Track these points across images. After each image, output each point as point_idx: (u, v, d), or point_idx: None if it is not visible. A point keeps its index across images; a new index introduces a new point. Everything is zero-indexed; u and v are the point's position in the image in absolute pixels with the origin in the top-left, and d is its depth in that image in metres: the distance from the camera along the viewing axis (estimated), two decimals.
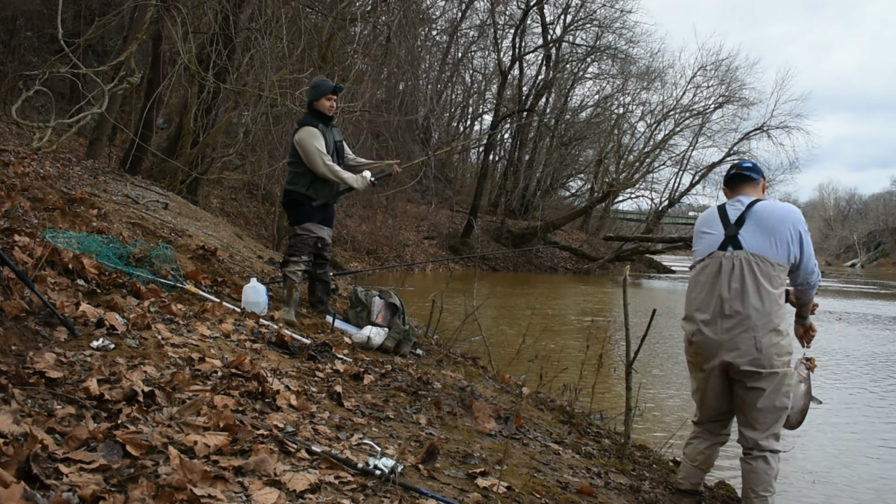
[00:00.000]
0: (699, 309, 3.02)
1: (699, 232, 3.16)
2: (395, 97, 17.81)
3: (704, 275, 3.03)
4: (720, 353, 2.94)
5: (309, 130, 4.90)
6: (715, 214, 3.12)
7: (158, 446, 1.96)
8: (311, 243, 4.99)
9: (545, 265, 27.71)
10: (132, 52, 9.17)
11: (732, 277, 2.93)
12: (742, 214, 3.02)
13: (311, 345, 4.00)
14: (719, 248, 3.01)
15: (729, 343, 2.91)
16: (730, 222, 3.03)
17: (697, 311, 3.03)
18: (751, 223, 2.99)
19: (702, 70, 31.97)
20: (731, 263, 2.95)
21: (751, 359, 2.89)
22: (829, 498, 4.47)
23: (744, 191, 3.14)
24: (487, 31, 28.67)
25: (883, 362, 9.80)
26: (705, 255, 3.06)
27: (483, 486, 2.49)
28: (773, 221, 2.96)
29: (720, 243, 3.02)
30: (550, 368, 5.33)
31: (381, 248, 20.91)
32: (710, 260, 3.03)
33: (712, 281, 2.99)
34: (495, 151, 31.49)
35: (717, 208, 3.16)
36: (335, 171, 4.94)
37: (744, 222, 3.00)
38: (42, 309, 2.89)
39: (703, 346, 3.00)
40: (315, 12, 12.37)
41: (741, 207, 3.05)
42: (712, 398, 3.10)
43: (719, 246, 3.01)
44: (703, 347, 3.00)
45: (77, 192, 5.84)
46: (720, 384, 3.04)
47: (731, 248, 2.97)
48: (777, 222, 2.95)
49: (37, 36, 16.53)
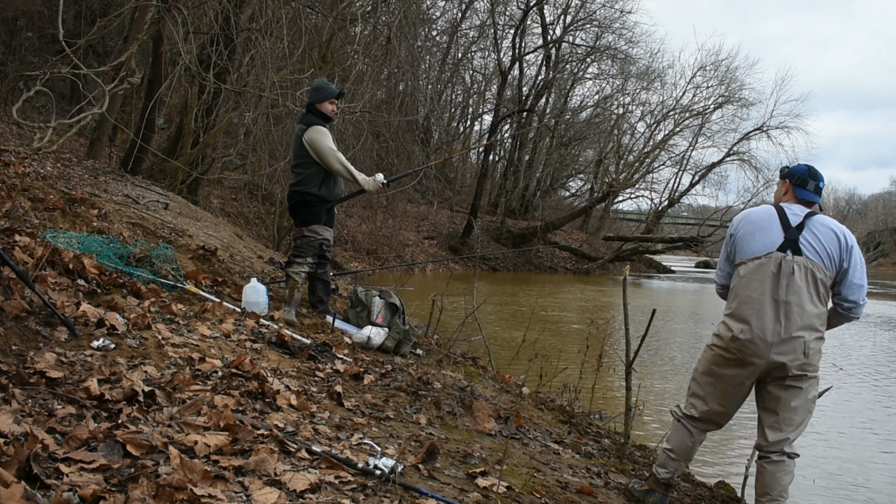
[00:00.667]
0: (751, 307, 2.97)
1: (752, 228, 3.09)
2: (395, 97, 17.81)
3: (760, 273, 2.99)
4: (769, 353, 2.92)
5: (319, 130, 4.90)
6: (773, 213, 3.08)
7: (159, 446, 1.96)
8: (317, 245, 5.00)
9: (545, 265, 27.71)
10: (133, 52, 9.18)
11: (792, 281, 2.92)
12: (802, 222, 3.02)
13: (312, 345, 4.00)
14: (778, 248, 2.98)
15: (781, 346, 2.90)
16: (790, 225, 3.02)
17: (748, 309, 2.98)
18: (808, 232, 2.99)
19: (701, 70, 32.04)
20: (791, 267, 2.93)
21: (800, 363, 2.91)
22: (829, 498, 4.47)
23: (802, 202, 3.12)
24: (487, 32, 28.69)
25: (885, 363, 9.80)
26: (761, 253, 3.01)
27: (483, 486, 2.49)
28: (831, 240, 2.98)
29: (779, 244, 2.99)
30: (550, 368, 5.33)
31: (381, 248, 20.91)
32: (767, 260, 2.99)
33: (769, 281, 2.95)
34: (495, 151, 31.49)
35: (773, 208, 3.12)
36: (350, 170, 4.94)
37: (803, 229, 3.00)
38: (43, 309, 2.90)
39: (751, 345, 2.95)
40: (315, 13, 12.37)
41: (800, 215, 3.04)
42: (735, 397, 3.08)
43: (778, 247, 2.99)
44: (751, 346, 2.95)
45: (77, 192, 5.85)
46: (749, 385, 3.05)
47: (791, 251, 2.96)
48: (834, 241, 2.97)
49: (38, 36, 16.54)
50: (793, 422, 2.99)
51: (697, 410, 3.17)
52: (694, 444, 3.18)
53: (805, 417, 3.03)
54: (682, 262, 44.70)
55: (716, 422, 3.18)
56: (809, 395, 3.00)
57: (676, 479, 3.23)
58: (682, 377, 7.80)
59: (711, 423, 3.18)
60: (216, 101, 12.17)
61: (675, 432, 3.22)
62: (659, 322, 10.93)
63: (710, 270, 36.59)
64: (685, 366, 8.50)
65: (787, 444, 2.99)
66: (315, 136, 4.88)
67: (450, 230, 26.68)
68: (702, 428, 3.19)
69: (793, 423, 2.99)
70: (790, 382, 2.96)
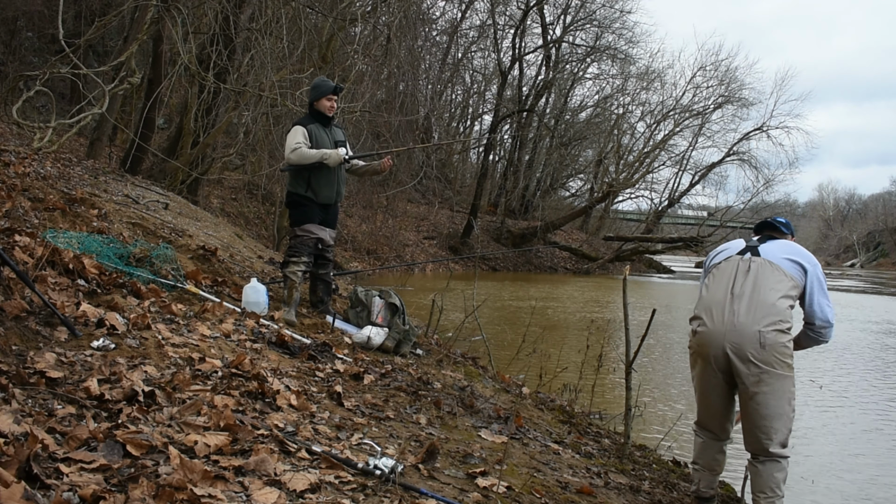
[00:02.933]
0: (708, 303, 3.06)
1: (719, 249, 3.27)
2: (395, 97, 17.80)
3: (720, 274, 3.10)
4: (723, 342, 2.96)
5: (293, 129, 4.98)
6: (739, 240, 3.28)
7: (159, 446, 1.96)
8: (310, 244, 5.00)
9: (545, 265, 27.71)
10: (132, 52, 9.18)
11: (747, 276, 3.00)
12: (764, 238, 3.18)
13: (312, 345, 4.00)
14: (738, 253, 3.11)
15: (734, 335, 2.91)
16: (751, 240, 3.19)
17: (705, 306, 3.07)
18: (772, 245, 3.11)
19: (701, 70, 32.07)
20: (748, 265, 3.02)
21: (759, 356, 2.88)
22: (829, 498, 4.47)
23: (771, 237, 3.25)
24: (487, 32, 28.70)
25: (885, 362, 9.80)
26: (721, 261, 3.15)
27: (483, 486, 2.49)
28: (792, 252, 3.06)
29: (739, 250, 3.13)
30: (550, 368, 5.33)
31: (381, 248, 20.91)
32: (727, 262, 3.11)
33: (726, 278, 3.05)
34: (495, 151, 31.49)
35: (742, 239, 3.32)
36: (301, 155, 4.87)
37: (765, 241, 3.15)
38: (43, 309, 2.90)
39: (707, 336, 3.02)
40: (315, 13, 12.36)
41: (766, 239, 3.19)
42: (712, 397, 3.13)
43: (738, 252, 3.12)
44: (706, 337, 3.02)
45: (77, 192, 5.85)
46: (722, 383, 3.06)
47: (750, 254, 3.07)
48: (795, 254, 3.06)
49: (37, 36, 16.53)
50: (770, 429, 2.97)
51: (696, 415, 3.29)
52: (707, 450, 3.24)
53: (782, 421, 2.97)
54: (682, 263, 44.68)
55: (709, 427, 3.23)
56: (782, 397, 2.93)
57: (705, 489, 3.26)
58: (682, 377, 7.81)
59: (707, 428, 3.24)
60: (216, 101, 12.17)
61: (694, 442, 3.34)
62: (658, 322, 10.94)
63: None
64: (685, 365, 8.50)
65: (770, 448, 2.99)
66: (287, 136, 4.97)
67: (450, 230, 26.67)
68: (707, 435, 3.25)
69: (770, 430, 2.97)
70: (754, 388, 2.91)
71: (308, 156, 4.89)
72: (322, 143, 4.97)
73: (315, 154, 4.90)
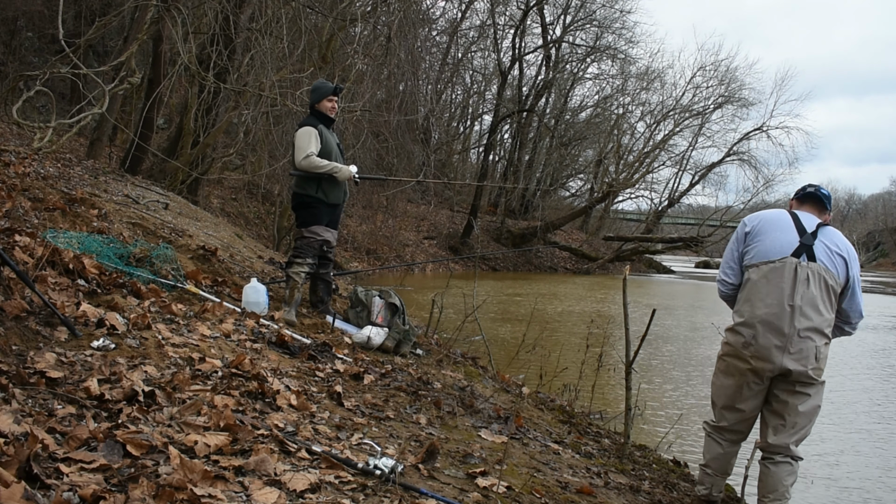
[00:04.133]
0: (764, 313, 2.96)
1: (768, 227, 3.07)
2: (395, 97, 17.78)
3: (775, 278, 2.96)
4: (782, 359, 2.92)
5: (304, 129, 4.93)
6: (787, 217, 3.09)
7: (159, 446, 1.96)
8: (316, 246, 5.00)
9: (545, 265, 27.72)
10: (133, 52, 9.17)
11: (806, 287, 2.92)
12: (816, 230, 3.03)
13: (312, 345, 4.00)
14: (793, 254, 2.98)
15: (794, 351, 2.91)
16: (805, 231, 3.02)
17: (761, 315, 2.96)
18: (822, 243, 3.00)
19: (701, 70, 32.11)
20: (806, 273, 2.93)
21: (812, 368, 2.93)
22: (829, 498, 4.46)
23: (812, 211, 3.16)
24: (487, 32, 28.71)
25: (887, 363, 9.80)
26: (776, 257, 2.99)
27: (483, 486, 2.49)
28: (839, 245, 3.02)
29: (794, 249, 2.98)
30: (550, 368, 5.33)
31: (381, 248, 20.91)
32: (782, 265, 2.97)
33: (783, 286, 2.94)
34: (495, 151, 31.52)
35: (787, 213, 3.13)
36: (312, 164, 4.87)
37: (817, 236, 3.01)
38: (43, 309, 2.90)
39: (764, 351, 2.95)
40: (315, 13, 12.36)
41: (813, 223, 3.05)
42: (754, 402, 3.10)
43: (793, 252, 2.98)
44: (764, 352, 2.95)
45: (77, 192, 5.85)
46: (764, 389, 3.06)
47: (806, 257, 2.96)
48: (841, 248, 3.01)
49: (37, 36, 16.54)
50: (798, 426, 3.01)
51: (724, 420, 3.21)
52: (726, 455, 3.24)
53: (810, 422, 3.05)
54: (682, 263, 44.71)
55: (740, 430, 3.21)
56: (816, 401, 3.02)
57: (717, 494, 3.27)
58: (683, 377, 7.81)
59: (737, 432, 3.22)
60: (216, 101, 12.17)
61: (708, 446, 3.29)
62: (658, 321, 10.96)
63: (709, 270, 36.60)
64: (685, 365, 8.51)
65: (790, 447, 3.01)
66: (297, 135, 4.95)
67: (450, 230, 26.68)
68: (730, 439, 3.23)
69: (797, 426, 3.01)
70: (800, 388, 2.97)
71: (318, 166, 4.89)
72: (330, 146, 4.99)
73: (325, 166, 4.90)
